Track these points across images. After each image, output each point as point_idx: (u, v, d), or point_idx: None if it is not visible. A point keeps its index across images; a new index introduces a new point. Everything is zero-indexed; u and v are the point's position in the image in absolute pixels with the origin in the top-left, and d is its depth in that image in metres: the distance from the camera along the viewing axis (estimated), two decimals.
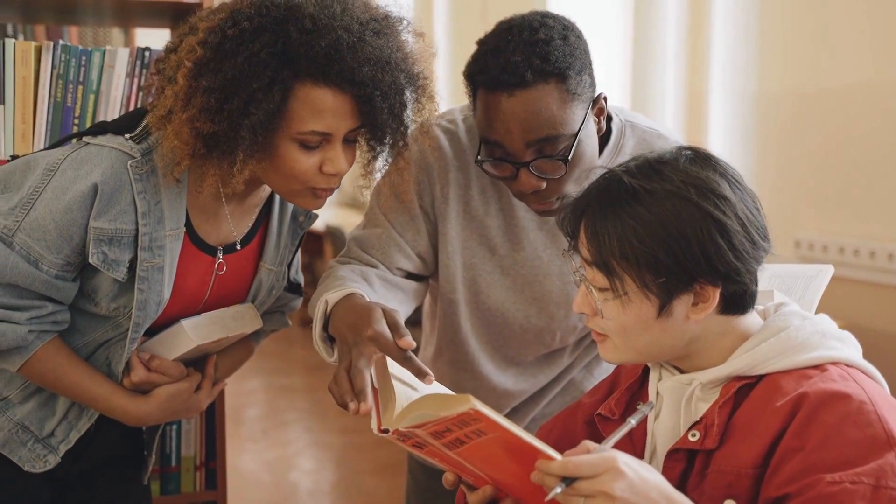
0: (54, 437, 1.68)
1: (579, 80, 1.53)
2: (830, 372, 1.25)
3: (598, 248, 1.26)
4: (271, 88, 1.44)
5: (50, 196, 1.51)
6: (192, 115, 1.44)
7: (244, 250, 1.71)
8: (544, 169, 1.54)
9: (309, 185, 1.53)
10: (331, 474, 4.74)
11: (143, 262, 1.56)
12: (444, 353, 1.87)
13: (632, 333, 1.29)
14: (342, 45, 1.45)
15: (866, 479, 1.14)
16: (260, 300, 1.78)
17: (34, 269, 1.52)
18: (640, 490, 1.12)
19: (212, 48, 1.45)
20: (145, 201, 1.54)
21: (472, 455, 1.19)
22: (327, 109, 1.47)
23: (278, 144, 1.49)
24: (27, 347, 1.57)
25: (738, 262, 1.24)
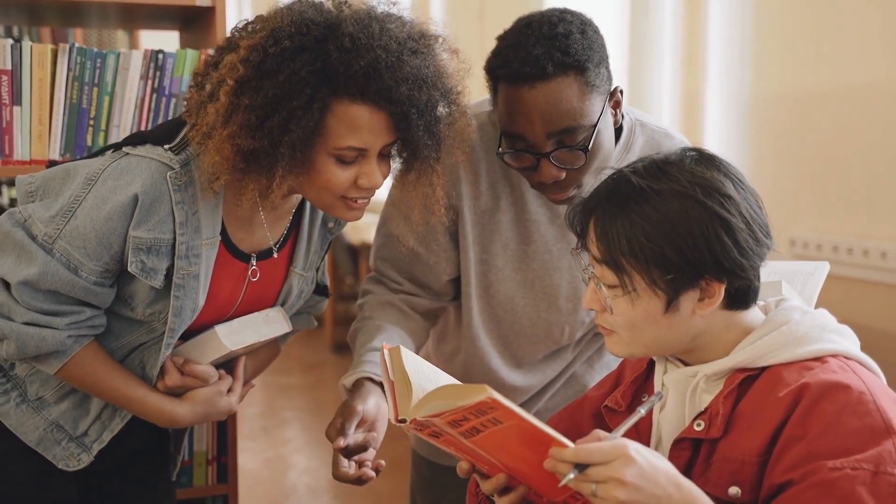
0: (88, 437, 1.71)
1: (597, 72, 1.57)
2: (830, 364, 1.29)
3: (608, 246, 1.30)
4: (311, 106, 1.47)
5: (91, 205, 1.54)
6: (232, 132, 1.47)
7: (276, 257, 1.74)
8: (564, 159, 1.58)
9: (344, 197, 1.56)
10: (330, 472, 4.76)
11: (180, 270, 1.59)
12: (457, 350, 1.91)
13: (640, 328, 1.33)
14: (381, 65, 1.48)
15: (866, 465, 1.17)
16: (290, 304, 1.81)
17: (74, 276, 1.55)
18: (650, 476, 1.16)
19: (253, 66, 1.47)
20: (183, 211, 1.57)
21: (487, 443, 1.23)
22: (364, 126, 1.51)
23: (316, 159, 1.52)
24: (65, 352, 1.60)
25: (742, 258, 1.28)
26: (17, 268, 1.55)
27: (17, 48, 1.95)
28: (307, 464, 4.83)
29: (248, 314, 1.75)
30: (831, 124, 3.38)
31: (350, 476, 1.56)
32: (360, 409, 1.59)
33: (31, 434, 1.68)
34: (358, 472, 1.56)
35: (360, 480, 1.57)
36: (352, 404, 1.60)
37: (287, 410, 5.65)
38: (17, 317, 1.56)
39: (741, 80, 3.74)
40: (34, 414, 1.69)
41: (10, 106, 1.96)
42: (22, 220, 1.57)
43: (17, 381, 1.70)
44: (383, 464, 1.59)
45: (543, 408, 1.93)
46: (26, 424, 1.68)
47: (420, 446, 2.04)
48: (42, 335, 1.56)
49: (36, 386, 1.70)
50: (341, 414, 1.60)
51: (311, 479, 4.64)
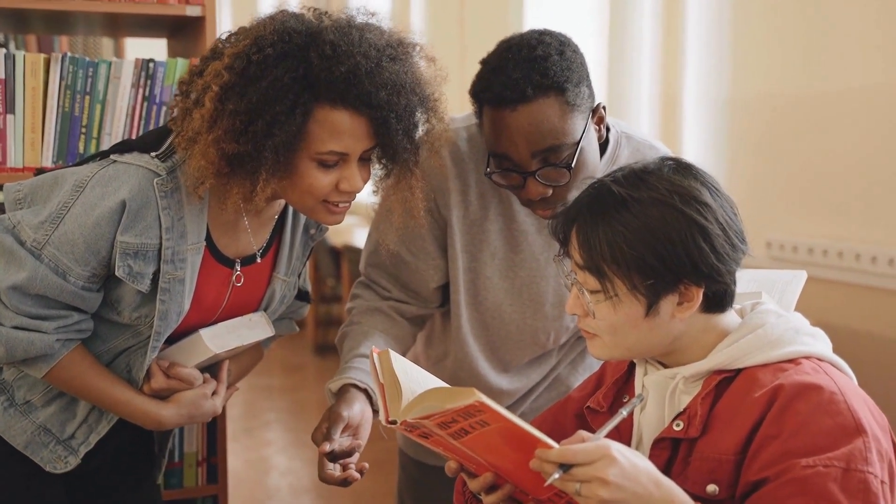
0: (75, 440, 1.74)
1: (577, 91, 1.62)
2: (804, 365, 1.33)
3: (590, 253, 1.35)
4: (293, 111, 1.51)
5: (79, 211, 1.57)
6: (217, 137, 1.51)
7: (260, 262, 1.78)
8: (550, 177, 1.63)
9: (325, 200, 1.60)
10: (314, 472, 4.75)
11: (166, 275, 1.62)
12: (446, 357, 1.95)
13: (621, 332, 1.37)
14: (360, 71, 1.52)
15: (837, 462, 1.22)
16: (272, 309, 1.85)
17: (62, 281, 1.58)
18: (632, 475, 1.20)
19: (237, 73, 1.51)
20: (169, 217, 1.60)
21: (475, 444, 1.27)
22: (345, 131, 1.55)
23: (298, 164, 1.56)
24: (53, 355, 1.63)
25: (719, 263, 1.33)
26: (6, 273, 1.58)
27: (10, 58, 1.97)
28: (289, 464, 4.85)
29: (232, 319, 1.79)
30: (807, 128, 3.43)
31: (335, 478, 1.59)
32: (346, 414, 1.63)
33: (19, 437, 1.71)
34: (343, 473, 1.59)
35: (345, 482, 1.60)
36: (337, 410, 1.64)
37: (269, 412, 5.66)
38: (5, 321, 1.59)
39: (719, 85, 3.77)
40: (22, 418, 1.71)
41: (4, 114, 1.99)
42: (11, 227, 1.60)
43: (4, 385, 1.73)
44: (367, 466, 1.63)
45: (528, 409, 1.97)
46: (14, 428, 1.71)
47: (407, 446, 2.08)
48: (30, 339, 1.60)
49: (23, 390, 1.72)
50: (327, 419, 1.64)
51: (294, 479, 4.66)
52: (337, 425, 1.61)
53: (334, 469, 1.60)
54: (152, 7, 2.07)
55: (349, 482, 1.61)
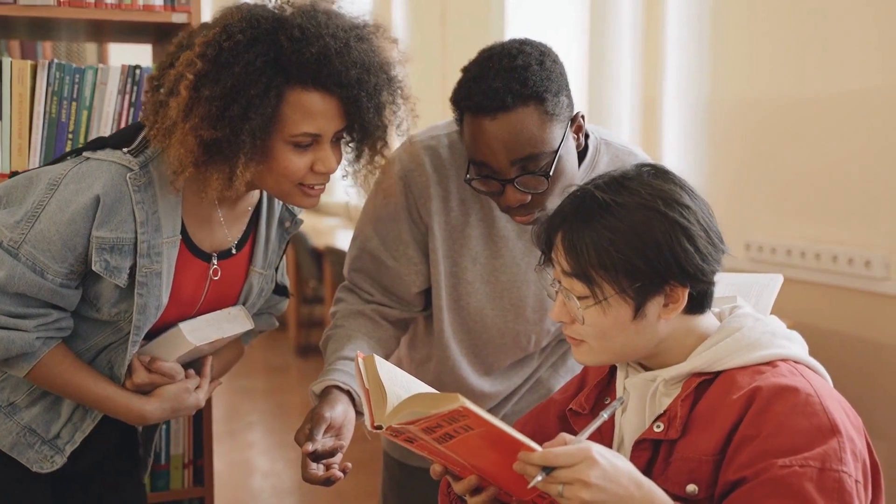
0: (60, 439, 1.75)
1: (556, 101, 1.65)
2: (780, 368, 1.36)
3: (577, 258, 1.37)
4: (268, 93, 1.54)
5: (54, 209, 1.59)
6: (195, 124, 1.54)
7: (236, 256, 1.80)
8: (528, 184, 1.66)
9: (300, 182, 1.63)
10: (296, 473, 4.76)
11: (143, 269, 1.64)
12: (429, 361, 1.97)
13: (609, 336, 1.39)
14: (330, 51, 1.56)
15: (813, 462, 1.25)
16: (251, 302, 1.87)
17: (40, 279, 1.60)
18: (613, 477, 1.22)
19: (210, 60, 1.54)
20: (143, 211, 1.62)
21: (459, 448, 1.29)
22: (317, 112, 1.58)
23: (273, 147, 1.59)
24: (34, 354, 1.65)
25: (703, 263, 1.36)
26: None
27: None
28: (272, 466, 4.86)
29: (212, 312, 1.81)
30: (786, 132, 3.47)
31: (318, 477, 1.61)
32: (328, 415, 1.65)
33: (4, 439, 1.72)
34: (326, 473, 1.61)
35: (329, 481, 1.62)
36: (320, 411, 1.66)
37: (252, 414, 5.67)
38: None
39: (698, 90, 3.81)
40: (6, 419, 1.73)
41: None
42: None
43: None
44: (350, 466, 1.64)
45: (510, 411, 1.99)
46: None
47: (391, 448, 2.09)
48: (11, 338, 1.61)
49: (6, 392, 1.74)
50: (310, 420, 1.66)
51: (277, 480, 4.67)
52: (319, 426, 1.63)
53: (317, 469, 1.62)
54: (138, 14, 2.08)
55: (332, 482, 1.63)
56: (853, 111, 3.18)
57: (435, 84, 5.84)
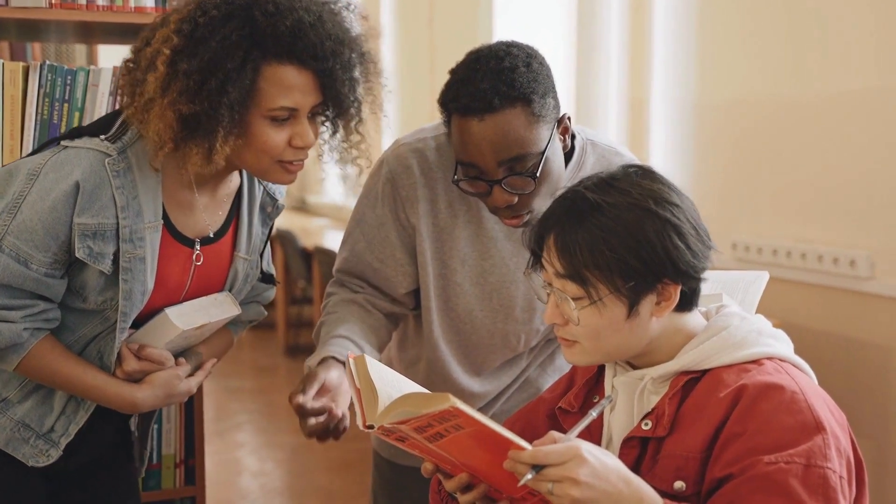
0: (55, 432, 1.76)
1: (543, 102, 1.66)
2: (766, 366, 1.39)
3: (571, 259, 1.38)
4: (244, 67, 1.57)
5: (35, 198, 1.61)
6: (173, 99, 1.56)
7: (220, 242, 1.82)
8: (515, 185, 1.67)
9: (279, 159, 1.65)
10: (285, 473, 4.80)
11: (126, 254, 1.66)
12: (419, 361, 1.99)
13: (604, 336, 1.41)
14: (304, 24, 1.59)
15: (798, 459, 1.28)
16: (237, 288, 1.89)
17: (24, 269, 1.61)
18: (602, 475, 1.24)
19: (186, 36, 1.57)
20: (123, 196, 1.64)
21: (450, 447, 1.31)
22: (294, 86, 1.61)
23: (251, 122, 1.61)
24: (23, 345, 1.66)
25: (694, 259, 1.38)
26: None
27: None
28: (261, 466, 4.87)
29: (198, 298, 1.82)
30: (772, 133, 3.50)
31: (317, 426, 1.62)
32: (322, 376, 1.66)
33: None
34: (324, 419, 1.62)
35: (335, 430, 1.64)
36: (314, 371, 1.68)
37: (240, 414, 5.67)
38: None
39: (685, 89, 3.84)
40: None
41: None
42: None
43: None
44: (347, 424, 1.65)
45: (499, 410, 2.00)
46: None
47: (381, 447, 2.10)
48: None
49: None
50: (303, 380, 1.67)
51: (267, 480, 4.68)
52: (312, 383, 1.64)
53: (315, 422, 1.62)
54: (129, 16, 2.09)
55: (337, 430, 1.65)
56: (838, 113, 3.21)
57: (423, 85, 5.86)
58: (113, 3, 2.08)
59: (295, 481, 4.68)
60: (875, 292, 3.12)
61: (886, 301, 3.09)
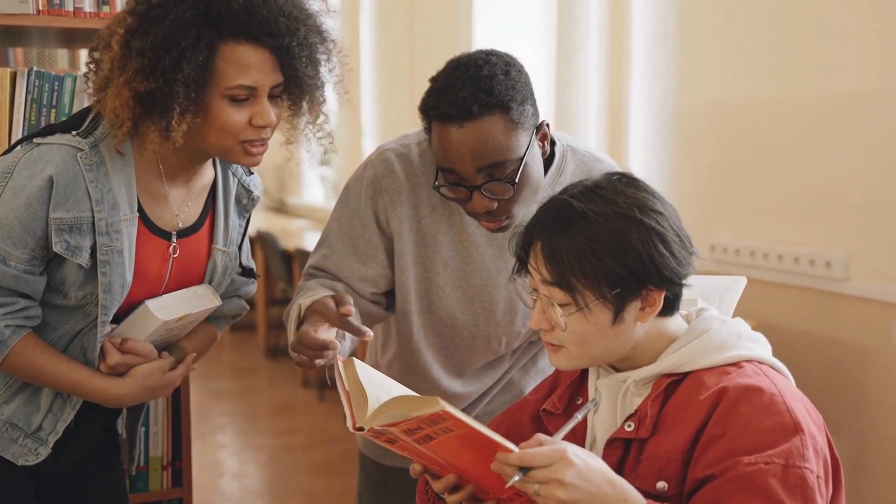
0: (43, 430, 1.78)
1: (521, 110, 1.69)
2: (746, 369, 1.42)
3: (558, 267, 1.41)
4: (198, 45, 1.59)
5: (10, 196, 1.63)
6: (128, 77, 1.59)
7: (197, 234, 1.84)
8: (495, 191, 1.70)
9: (241, 139, 1.67)
10: (267, 475, 4.81)
11: (103, 247, 1.68)
12: (399, 360, 2.01)
13: (590, 341, 1.44)
14: (257, 2, 1.62)
15: (777, 459, 1.31)
16: (217, 281, 1.91)
17: (3, 266, 1.64)
18: (587, 476, 1.27)
19: (140, 15, 1.60)
20: (98, 189, 1.66)
21: (439, 449, 1.33)
22: (251, 65, 1.63)
23: (210, 102, 1.63)
24: (5, 342, 1.68)
25: (678, 266, 1.42)
26: None
27: None
28: (242, 468, 4.87)
29: (177, 290, 1.84)
30: (749, 137, 3.54)
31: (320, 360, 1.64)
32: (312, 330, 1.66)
33: None
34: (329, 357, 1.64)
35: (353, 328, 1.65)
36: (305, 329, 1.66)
37: (221, 416, 5.67)
38: None
39: (664, 94, 3.87)
40: None
41: None
42: None
43: None
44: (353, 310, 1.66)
45: (482, 412, 2.03)
46: None
47: (366, 448, 2.12)
48: None
49: None
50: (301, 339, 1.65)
51: (249, 482, 4.68)
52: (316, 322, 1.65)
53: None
54: None
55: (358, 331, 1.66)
56: (814, 117, 3.26)
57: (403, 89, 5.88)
58: (100, 9, 2.10)
59: (277, 482, 4.69)
60: (850, 293, 3.16)
61: (862, 302, 3.13)
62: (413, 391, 1.46)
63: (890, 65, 3.00)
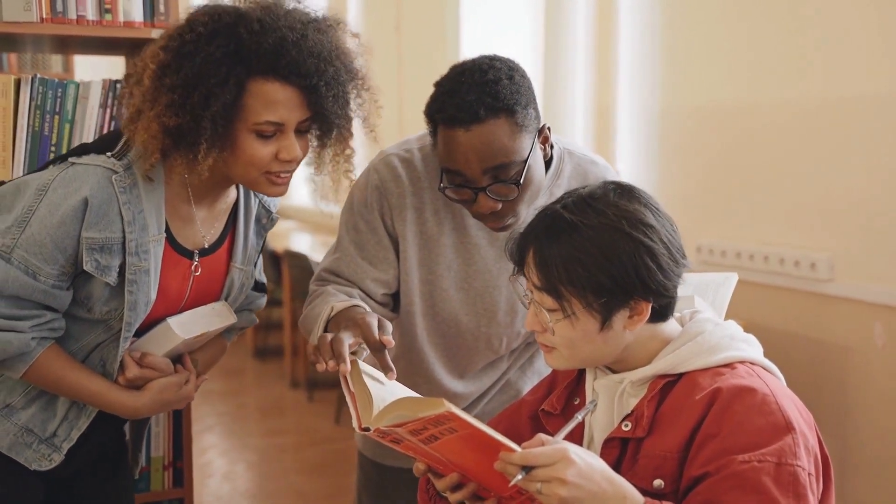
0: (57, 437, 1.81)
1: (525, 113, 1.74)
2: (739, 370, 1.46)
3: (547, 275, 1.46)
4: (227, 82, 1.62)
5: (44, 213, 1.66)
6: (158, 112, 1.62)
7: (217, 253, 1.88)
8: (499, 192, 1.74)
9: (266, 171, 1.71)
10: (256, 475, 4.82)
11: (132, 266, 1.72)
12: (400, 360, 2.02)
13: (578, 346, 1.48)
14: (287, 42, 1.64)
15: (770, 458, 1.35)
16: (232, 297, 1.95)
17: (33, 281, 1.67)
18: (588, 475, 1.31)
19: (172, 52, 1.63)
20: (130, 211, 1.70)
21: (444, 448, 1.37)
22: (279, 101, 1.66)
23: (238, 136, 1.67)
24: (30, 354, 1.71)
25: (665, 279, 1.45)
26: None
27: None
28: (231, 468, 4.88)
29: (196, 308, 1.88)
30: (734, 139, 3.58)
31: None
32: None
33: (2, 440, 1.78)
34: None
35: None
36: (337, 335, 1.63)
37: (209, 416, 5.68)
38: None
39: (650, 96, 3.90)
40: (3, 421, 1.78)
41: None
42: None
43: None
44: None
45: (481, 412, 2.07)
46: None
47: (365, 447, 2.15)
48: (7, 339, 1.68)
49: (3, 394, 1.79)
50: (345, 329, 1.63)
51: (239, 482, 4.69)
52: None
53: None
54: (119, 30, 2.13)
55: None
56: (799, 119, 3.30)
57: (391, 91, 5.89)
58: (102, 17, 2.12)
59: (267, 483, 4.70)
60: (835, 294, 3.21)
61: (846, 302, 3.18)
62: (415, 392, 1.50)
63: (873, 68, 3.05)
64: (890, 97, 2.98)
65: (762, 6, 3.43)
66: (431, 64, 4.79)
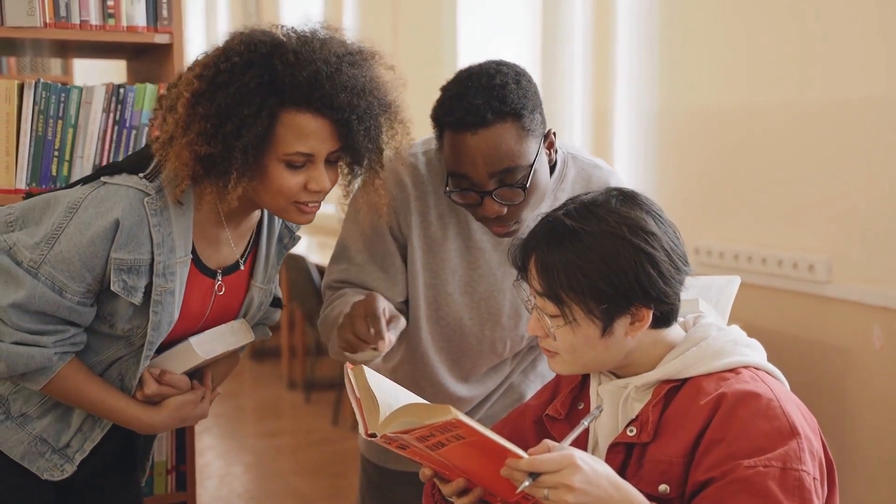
0: (70, 448, 1.82)
1: (532, 118, 1.74)
2: (743, 374, 1.47)
3: (549, 282, 1.47)
4: (260, 114, 1.62)
5: (73, 231, 1.66)
6: (191, 140, 1.62)
7: (238, 272, 1.88)
8: (506, 196, 1.75)
9: (295, 200, 1.71)
10: (254, 477, 4.81)
11: (158, 287, 1.72)
12: (404, 364, 2.05)
13: (580, 351, 1.49)
14: (321, 75, 1.64)
15: (775, 462, 1.36)
16: (251, 315, 1.95)
17: (59, 297, 1.67)
18: (594, 481, 1.32)
19: (207, 80, 1.63)
20: (160, 233, 1.70)
21: (451, 454, 1.38)
22: (310, 133, 1.66)
23: (268, 165, 1.67)
24: (52, 367, 1.72)
25: (666, 286, 1.46)
26: (4, 292, 1.66)
27: None
28: (229, 470, 4.87)
29: (216, 326, 1.89)
30: (732, 140, 3.59)
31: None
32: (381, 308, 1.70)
33: (16, 448, 1.79)
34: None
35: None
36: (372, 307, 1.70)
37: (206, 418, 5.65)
38: (5, 337, 1.67)
39: (648, 99, 3.90)
40: (18, 429, 1.79)
41: None
42: (7, 248, 1.68)
43: (0, 399, 1.80)
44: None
45: (485, 415, 2.08)
46: (11, 440, 1.79)
47: (368, 451, 2.16)
48: (30, 353, 1.68)
49: (19, 403, 1.80)
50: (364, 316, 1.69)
51: (236, 484, 4.68)
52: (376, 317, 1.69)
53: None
54: (122, 35, 2.13)
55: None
56: (796, 121, 3.31)
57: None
58: (106, 22, 2.12)
59: (264, 485, 4.70)
60: (833, 296, 3.22)
61: (843, 304, 3.19)
62: (420, 396, 1.51)
63: (870, 71, 3.06)
64: (888, 100, 2.99)
65: (760, 8, 3.43)
66: (428, 66, 4.79)
